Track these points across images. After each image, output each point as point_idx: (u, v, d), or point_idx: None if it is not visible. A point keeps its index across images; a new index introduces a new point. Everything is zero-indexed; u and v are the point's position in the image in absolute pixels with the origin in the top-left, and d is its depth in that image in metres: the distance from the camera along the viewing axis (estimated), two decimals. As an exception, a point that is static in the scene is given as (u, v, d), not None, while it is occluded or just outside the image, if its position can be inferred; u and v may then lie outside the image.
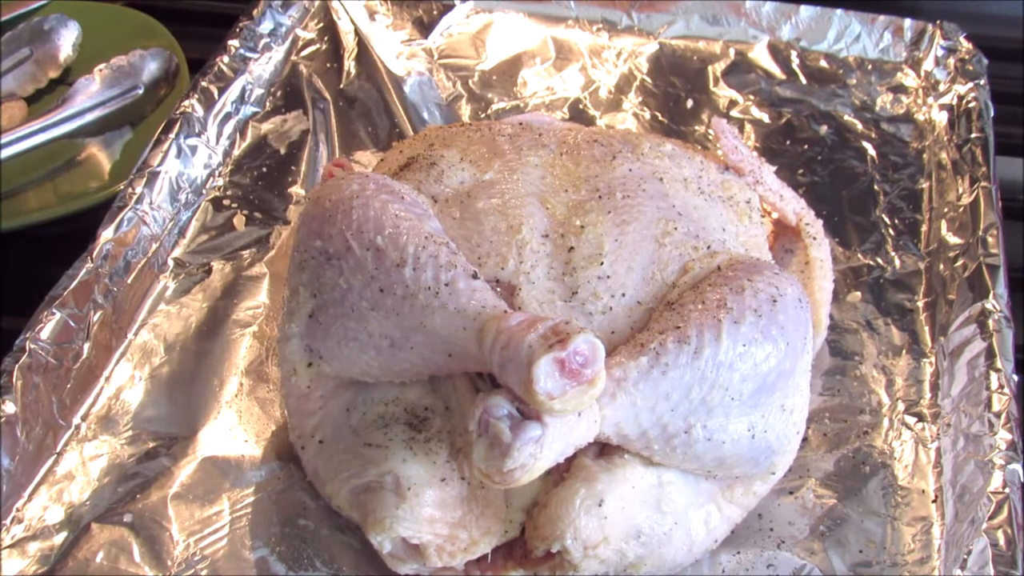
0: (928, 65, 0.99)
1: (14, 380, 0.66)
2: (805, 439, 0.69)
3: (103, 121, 0.98)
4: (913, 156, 0.93)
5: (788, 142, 0.94)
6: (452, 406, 0.63)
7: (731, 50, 1.02)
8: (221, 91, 0.91)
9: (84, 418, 0.71)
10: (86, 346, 0.72)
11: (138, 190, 0.81)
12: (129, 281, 0.77)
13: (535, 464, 0.54)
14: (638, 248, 0.65)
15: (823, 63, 1.01)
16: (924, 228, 0.86)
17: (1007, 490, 0.64)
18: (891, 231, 0.86)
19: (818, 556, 0.65)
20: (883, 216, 0.87)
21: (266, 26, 0.99)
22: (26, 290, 0.74)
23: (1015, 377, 0.70)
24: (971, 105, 0.92)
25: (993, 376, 0.70)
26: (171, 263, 0.81)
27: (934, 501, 0.68)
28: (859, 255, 0.84)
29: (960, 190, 0.86)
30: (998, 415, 0.68)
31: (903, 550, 0.66)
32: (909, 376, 0.76)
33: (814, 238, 0.77)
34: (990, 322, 0.73)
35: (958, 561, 0.62)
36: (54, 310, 0.70)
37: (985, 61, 0.97)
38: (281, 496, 0.68)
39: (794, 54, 1.01)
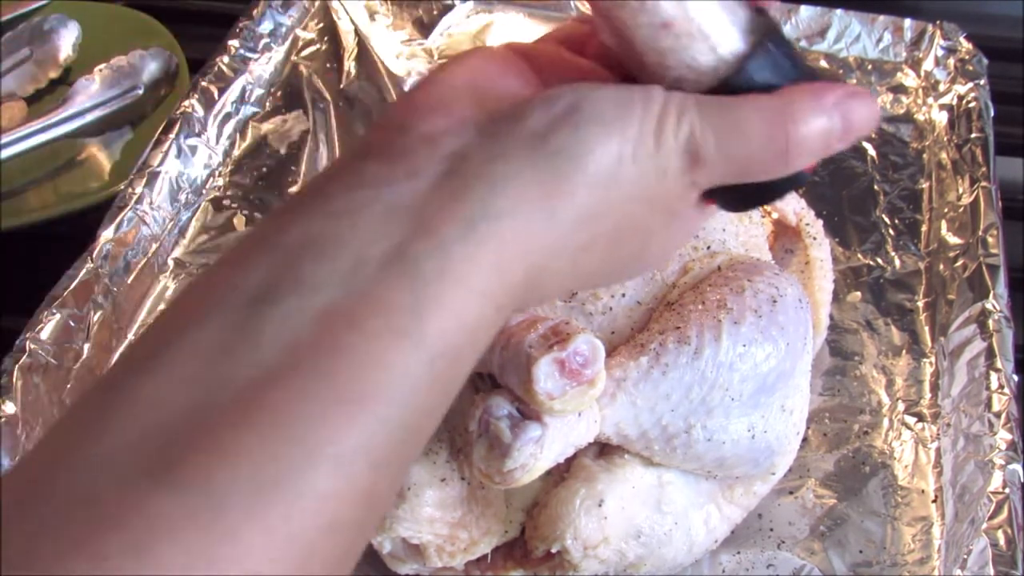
0: (928, 65, 0.99)
1: (14, 380, 0.66)
2: (805, 439, 0.69)
3: (103, 121, 0.97)
4: (913, 156, 0.93)
5: (788, 142, 0.94)
6: (452, 406, 0.63)
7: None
8: (221, 91, 0.91)
9: (84, 418, 0.70)
10: (86, 346, 0.72)
11: (138, 190, 0.81)
12: (129, 281, 0.77)
13: (535, 464, 0.54)
14: (638, 248, 0.65)
15: (823, 63, 1.01)
16: (924, 228, 0.86)
17: (1007, 490, 0.64)
18: (891, 231, 0.86)
19: (818, 556, 0.65)
20: (883, 216, 0.87)
21: (266, 26, 0.99)
22: (26, 290, 0.74)
23: (1015, 377, 0.70)
24: (971, 105, 0.92)
25: (993, 376, 0.70)
26: (171, 263, 0.81)
27: (934, 501, 0.68)
28: (859, 255, 0.84)
29: (960, 190, 0.86)
30: (998, 415, 0.68)
31: (903, 550, 0.66)
32: (909, 376, 0.76)
33: (814, 238, 0.77)
34: (990, 322, 0.73)
35: (958, 561, 0.62)
36: (54, 310, 0.70)
37: (985, 61, 0.97)
38: (281, 496, 0.67)
39: (794, 54, 1.01)
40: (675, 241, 0.47)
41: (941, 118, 0.95)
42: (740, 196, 0.45)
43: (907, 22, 1.01)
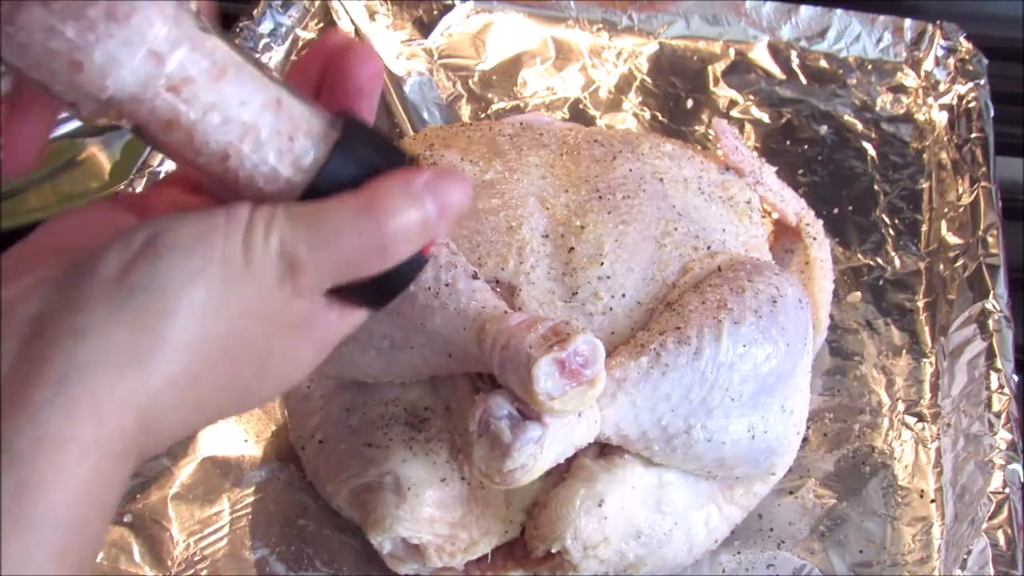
0: (928, 65, 0.99)
1: (14, 380, 0.66)
2: (805, 439, 0.69)
3: (103, 121, 0.97)
4: (913, 156, 0.93)
5: (788, 142, 0.94)
6: (452, 406, 0.63)
7: (731, 50, 1.02)
8: (221, 91, 0.91)
9: (84, 418, 0.70)
10: (86, 346, 0.72)
11: (138, 190, 0.81)
12: (129, 281, 0.77)
13: (535, 464, 0.54)
14: (638, 248, 0.65)
15: (823, 63, 1.01)
16: (924, 228, 0.86)
17: (1007, 490, 0.64)
18: (891, 231, 0.86)
19: (818, 556, 0.65)
20: (883, 216, 0.87)
21: (266, 26, 0.99)
22: (26, 290, 0.74)
23: (1015, 377, 0.70)
24: (971, 105, 0.92)
25: (993, 376, 0.70)
26: (171, 263, 0.81)
27: (933, 501, 0.68)
28: (859, 255, 0.84)
29: (960, 190, 0.86)
30: (998, 415, 0.68)
31: (903, 550, 0.66)
32: (909, 376, 0.76)
33: (814, 238, 0.77)
34: (990, 322, 0.73)
35: (958, 561, 0.62)
36: (54, 310, 0.70)
37: (985, 61, 0.97)
38: (281, 496, 0.68)
39: (794, 54, 1.01)
40: (308, 352, 0.44)
41: (941, 118, 0.95)
42: (369, 292, 0.44)
43: (907, 22, 1.01)
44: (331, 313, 0.44)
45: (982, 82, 0.94)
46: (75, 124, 0.96)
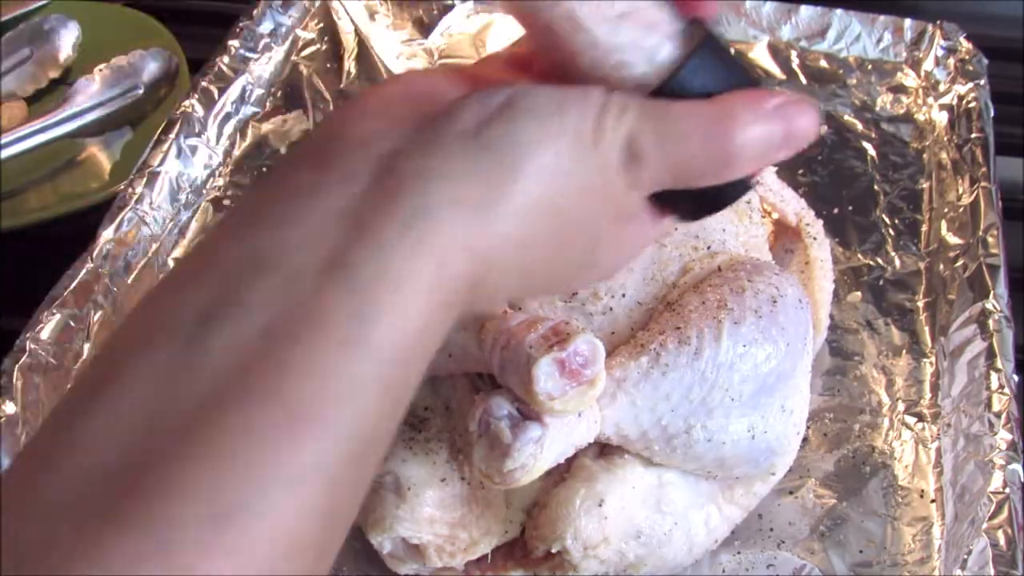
0: (928, 65, 0.99)
1: (14, 380, 0.66)
2: (805, 439, 0.69)
3: (103, 121, 0.97)
4: (913, 156, 0.93)
5: (788, 142, 0.94)
6: (452, 406, 0.63)
7: (731, 50, 1.02)
8: (221, 91, 0.91)
9: (84, 418, 0.70)
10: (86, 346, 0.72)
11: (138, 190, 0.81)
12: (129, 281, 0.77)
13: (535, 464, 0.54)
14: (638, 248, 0.65)
15: (823, 63, 1.01)
16: (924, 228, 0.86)
17: (1007, 490, 0.64)
18: (891, 231, 0.86)
19: (818, 556, 0.65)
20: (883, 216, 0.87)
21: (266, 26, 0.99)
22: (26, 290, 0.74)
23: (1015, 377, 0.70)
24: (971, 105, 0.92)
25: (993, 376, 0.70)
26: (171, 263, 0.81)
27: (934, 501, 0.68)
28: (859, 255, 0.84)
29: (960, 190, 0.86)
30: (998, 415, 0.68)
31: (903, 550, 0.66)
32: (909, 376, 0.76)
33: (814, 238, 0.77)
34: (990, 322, 0.73)
35: (958, 561, 0.62)
36: (54, 310, 0.70)
37: (985, 61, 0.97)
38: (281, 496, 0.67)
39: (794, 54, 1.01)
40: (626, 248, 0.46)
41: (941, 118, 0.95)
42: (688, 204, 0.45)
43: (907, 22, 1.01)
44: (648, 214, 0.44)
45: (982, 82, 0.94)
46: (75, 124, 0.96)
